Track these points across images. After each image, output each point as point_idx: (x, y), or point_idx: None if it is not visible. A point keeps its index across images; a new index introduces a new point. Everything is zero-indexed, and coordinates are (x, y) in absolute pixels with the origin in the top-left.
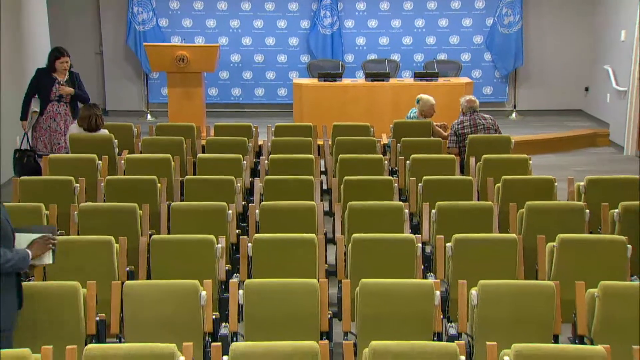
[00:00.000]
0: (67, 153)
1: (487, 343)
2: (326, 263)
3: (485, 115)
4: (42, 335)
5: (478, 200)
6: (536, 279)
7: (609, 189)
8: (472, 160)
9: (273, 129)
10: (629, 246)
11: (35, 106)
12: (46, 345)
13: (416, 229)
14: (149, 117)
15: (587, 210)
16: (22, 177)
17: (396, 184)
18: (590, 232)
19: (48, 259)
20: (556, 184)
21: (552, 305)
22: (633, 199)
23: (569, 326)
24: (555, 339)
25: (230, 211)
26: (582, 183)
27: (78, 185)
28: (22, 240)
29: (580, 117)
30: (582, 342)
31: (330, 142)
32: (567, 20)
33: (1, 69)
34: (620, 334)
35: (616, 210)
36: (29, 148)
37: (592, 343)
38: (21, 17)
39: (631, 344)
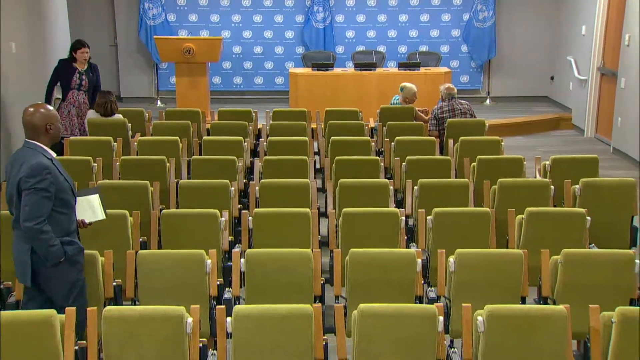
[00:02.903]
0: (82, 136)
1: (463, 305)
2: (319, 234)
3: (462, 101)
4: None
5: (455, 177)
6: (507, 247)
7: (571, 167)
8: (451, 141)
9: (271, 114)
10: (588, 218)
11: (58, 93)
12: (69, 307)
13: (400, 203)
14: (158, 103)
15: (552, 186)
16: None
17: (382, 164)
18: (555, 206)
19: (101, 215)
20: (525, 162)
21: (520, 270)
22: (592, 175)
23: (535, 289)
24: (523, 300)
25: (232, 188)
26: (547, 162)
27: (96, 164)
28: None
29: (546, 103)
30: (546, 303)
31: (322, 126)
32: (534, 16)
33: (26, 60)
34: (579, 295)
35: (577, 186)
36: None
37: (554, 303)
38: (43, 13)
39: (588, 304)
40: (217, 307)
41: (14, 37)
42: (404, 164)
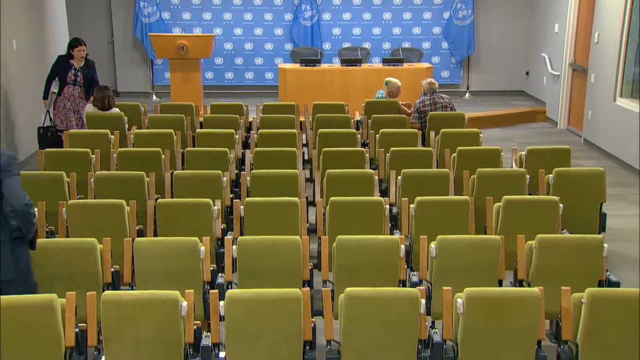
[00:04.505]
0: (78, 129)
1: (444, 288)
2: (307, 222)
3: (443, 95)
4: (66, 284)
5: (437, 167)
6: (485, 233)
7: (545, 157)
8: (432, 133)
9: (261, 108)
10: (561, 205)
11: (55, 88)
12: (70, 292)
13: (384, 192)
14: (154, 97)
15: (527, 176)
16: (46, 150)
17: (367, 154)
18: (530, 194)
19: None
20: (502, 153)
21: (497, 255)
22: (565, 165)
23: (511, 272)
24: (500, 283)
25: (224, 178)
26: (523, 152)
27: (94, 156)
28: None
29: (522, 97)
30: (521, 285)
31: (310, 119)
32: (511, 14)
33: (27, 56)
34: (552, 278)
35: (551, 175)
36: (51, 124)
37: (529, 285)
38: (43, 11)
39: (560, 286)
40: (211, 291)
41: (15, 34)
42: (388, 155)
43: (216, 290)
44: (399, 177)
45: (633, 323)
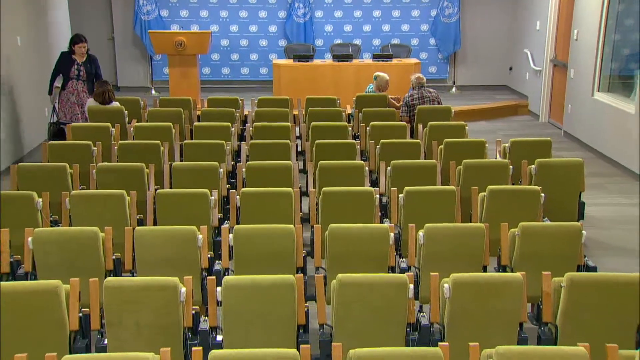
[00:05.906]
0: (84, 122)
1: (431, 274)
2: (301, 212)
3: (431, 90)
4: (69, 271)
5: (425, 159)
6: (470, 222)
7: (528, 148)
8: (420, 126)
9: (256, 102)
10: (542, 194)
11: (58, 83)
12: (73, 278)
13: (375, 183)
14: (153, 92)
15: (511, 166)
16: (50, 142)
17: (358, 147)
18: (513, 184)
19: None
20: (487, 145)
21: (482, 242)
22: (546, 156)
23: (495, 259)
24: (485, 269)
25: (221, 169)
26: (507, 144)
27: (96, 148)
28: None
29: (506, 91)
30: (504, 271)
31: (304, 112)
32: (495, 12)
33: (31, 53)
34: (534, 264)
35: (533, 166)
36: (56, 118)
37: (512, 271)
38: (46, 9)
39: (541, 271)
40: (208, 277)
41: (19, 32)
42: (378, 147)
43: (213, 277)
44: (388, 168)
45: (609, 305)
